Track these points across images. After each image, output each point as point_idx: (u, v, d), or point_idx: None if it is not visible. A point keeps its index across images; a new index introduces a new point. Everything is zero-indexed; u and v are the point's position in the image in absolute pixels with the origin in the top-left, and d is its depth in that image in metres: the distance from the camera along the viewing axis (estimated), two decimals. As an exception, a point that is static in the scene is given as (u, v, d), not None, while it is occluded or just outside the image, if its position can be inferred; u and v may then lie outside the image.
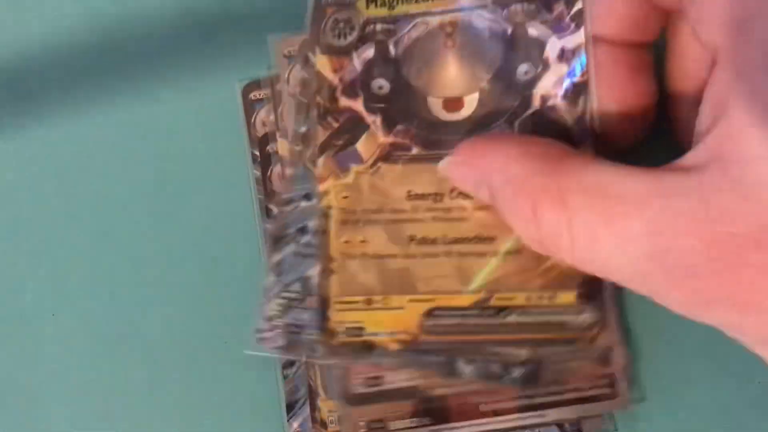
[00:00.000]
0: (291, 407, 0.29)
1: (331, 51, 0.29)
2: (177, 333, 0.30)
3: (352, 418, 0.28)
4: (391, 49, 0.29)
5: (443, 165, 0.27)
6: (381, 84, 0.29)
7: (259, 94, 0.30)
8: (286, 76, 0.30)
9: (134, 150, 0.31)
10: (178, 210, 0.31)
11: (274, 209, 0.30)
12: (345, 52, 0.29)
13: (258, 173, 0.30)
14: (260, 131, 0.30)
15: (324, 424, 0.28)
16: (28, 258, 0.31)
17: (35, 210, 0.31)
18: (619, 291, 0.28)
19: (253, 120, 0.30)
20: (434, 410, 0.29)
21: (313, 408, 0.29)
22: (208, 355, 0.30)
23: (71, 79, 0.31)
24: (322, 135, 0.29)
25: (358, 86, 0.29)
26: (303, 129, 0.29)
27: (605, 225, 0.20)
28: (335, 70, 0.29)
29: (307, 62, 0.29)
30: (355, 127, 0.29)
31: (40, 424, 0.30)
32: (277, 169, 0.30)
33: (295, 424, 0.29)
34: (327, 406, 0.29)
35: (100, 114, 0.31)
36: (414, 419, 0.29)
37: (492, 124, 0.28)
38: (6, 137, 0.31)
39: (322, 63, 0.29)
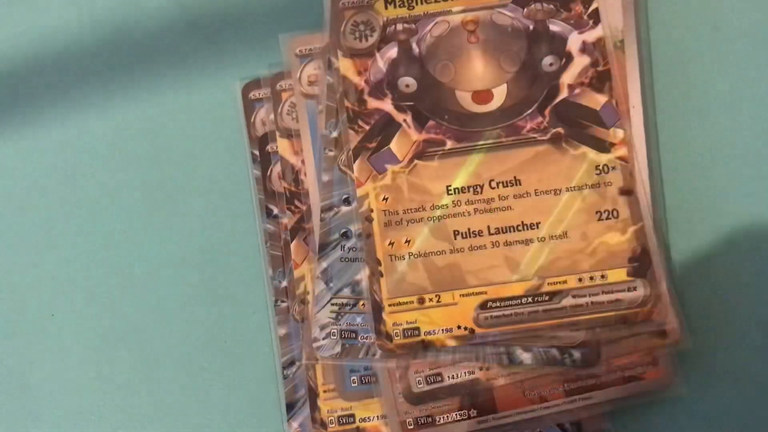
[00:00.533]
0: (291, 407, 0.28)
1: (354, 53, 0.29)
2: (177, 333, 0.30)
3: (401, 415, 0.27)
4: (415, 48, 0.29)
5: None
6: (408, 82, 0.29)
7: (259, 94, 0.30)
8: (298, 74, 0.30)
9: (134, 150, 0.31)
10: (178, 209, 0.30)
11: (274, 209, 0.29)
12: (368, 53, 0.29)
13: (258, 172, 0.30)
14: (260, 131, 0.31)
15: (324, 424, 0.28)
16: (28, 258, 0.30)
17: (35, 210, 0.31)
18: (670, 264, 0.28)
19: (252, 119, 0.30)
20: (480, 402, 0.28)
21: (313, 408, 0.28)
22: (208, 355, 0.30)
23: (71, 78, 0.31)
24: (354, 139, 0.29)
25: (384, 86, 0.29)
26: (335, 134, 0.29)
27: None
28: (359, 72, 0.29)
29: (330, 66, 0.29)
30: (386, 127, 0.29)
31: (40, 423, 0.30)
32: (276, 168, 0.30)
33: (295, 424, 0.28)
34: (327, 406, 0.28)
35: (99, 114, 0.31)
36: (461, 412, 0.28)
37: (523, 112, 0.29)
38: (6, 137, 0.31)
39: (346, 66, 0.29)
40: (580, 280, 0.28)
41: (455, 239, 0.28)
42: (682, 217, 0.29)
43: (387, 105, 0.29)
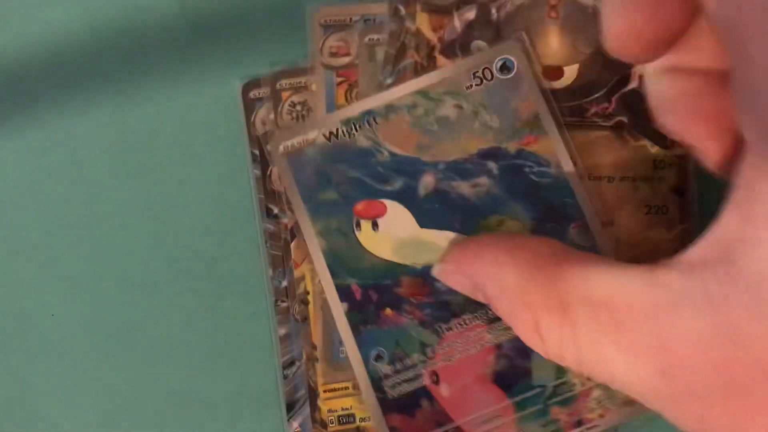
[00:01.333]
0: (291, 407, 0.28)
1: (432, 9, 0.29)
2: (177, 332, 0.30)
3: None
4: (494, 13, 0.29)
5: (436, 271, 0.25)
6: (480, 46, 0.29)
7: (259, 93, 0.29)
8: (320, 46, 0.29)
9: (134, 149, 0.30)
10: (178, 209, 0.30)
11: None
12: (446, 11, 0.29)
13: (258, 172, 0.29)
14: (260, 130, 0.29)
15: (324, 424, 0.28)
16: (28, 258, 0.30)
17: (35, 210, 0.30)
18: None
19: (252, 119, 0.29)
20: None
21: (313, 408, 0.28)
22: (207, 354, 0.30)
23: (70, 78, 0.30)
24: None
25: (457, 47, 0.29)
26: (389, 80, 0.29)
27: (612, 340, 0.18)
28: (435, 29, 0.29)
29: (396, 13, 0.29)
30: (451, 84, 0.28)
31: (41, 423, 0.30)
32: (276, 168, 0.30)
33: (295, 424, 0.28)
34: (327, 406, 0.28)
35: (99, 113, 0.30)
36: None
37: (590, 95, 0.28)
38: (6, 137, 0.30)
39: (422, 20, 0.29)
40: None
41: None
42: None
43: (455, 64, 0.29)
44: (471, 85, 0.27)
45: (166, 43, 0.31)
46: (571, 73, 0.28)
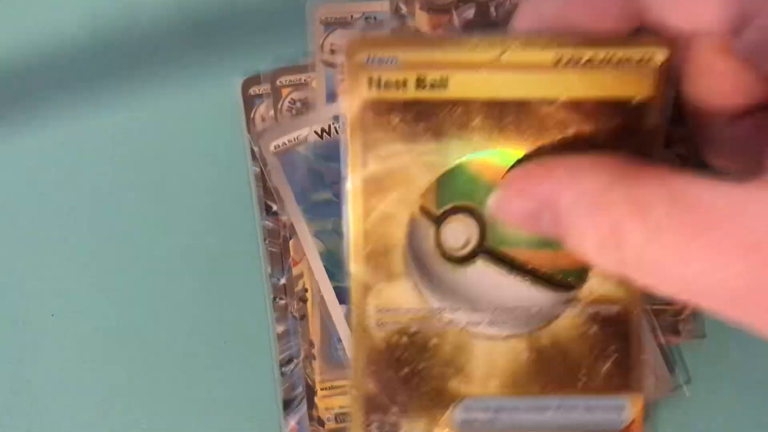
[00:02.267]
0: (288, 404, 0.28)
1: (432, 8, 0.29)
2: (176, 331, 0.30)
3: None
4: (492, 11, 0.29)
5: (495, 202, 0.22)
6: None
7: (259, 90, 0.29)
8: (321, 43, 0.29)
9: (133, 146, 0.30)
10: (178, 207, 0.30)
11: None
12: (445, 10, 0.29)
13: (257, 169, 0.29)
14: (260, 127, 0.29)
15: (321, 422, 0.28)
16: (28, 258, 0.30)
17: (35, 209, 0.30)
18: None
19: (252, 115, 0.29)
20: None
21: (311, 406, 0.28)
22: (206, 352, 0.30)
23: (69, 75, 0.31)
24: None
25: (456, 46, 0.29)
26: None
27: (697, 239, 0.18)
28: (434, 27, 0.29)
29: (397, 12, 0.29)
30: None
31: (41, 424, 0.30)
32: None
33: (292, 422, 0.28)
34: (324, 404, 0.28)
35: (98, 113, 0.30)
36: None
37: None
38: (6, 137, 0.30)
39: (422, 19, 0.29)
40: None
41: None
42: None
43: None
44: None
45: (166, 40, 0.31)
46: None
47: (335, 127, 0.28)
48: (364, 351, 0.25)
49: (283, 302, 0.28)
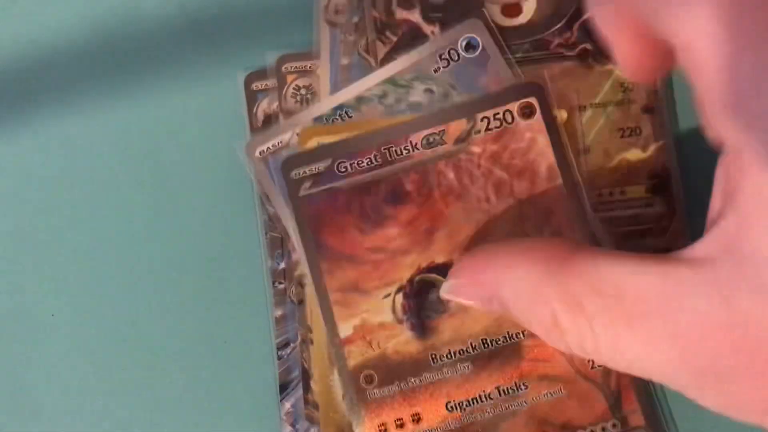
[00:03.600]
0: (284, 388, 0.28)
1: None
2: (177, 332, 0.30)
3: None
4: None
5: (446, 290, 0.25)
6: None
7: (261, 85, 0.29)
8: (326, 3, 0.29)
9: (134, 143, 0.30)
10: (178, 205, 0.30)
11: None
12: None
13: None
14: (261, 122, 0.29)
15: (316, 406, 0.28)
16: (28, 258, 0.30)
17: (35, 209, 0.30)
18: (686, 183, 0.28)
19: (255, 110, 0.29)
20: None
21: (306, 389, 0.28)
22: (206, 351, 0.30)
23: (69, 71, 0.31)
24: (381, 50, 0.28)
25: (414, -4, 0.28)
26: (355, 19, 0.28)
27: (627, 328, 0.20)
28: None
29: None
30: (414, 39, 0.28)
31: (41, 423, 0.30)
32: None
33: (288, 405, 0.28)
34: (319, 388, 0.28)
35: (97, 110, 0.30)
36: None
37: (551, 27, 0.28)
38: (6, 137, 0.30)
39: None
40: (599, 195, 0.29)
41: None
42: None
43: (415, 16, 0.28)
44: (438, 68, 0.28)
45: (167, 35, 0.31)
46: (529, 8, 0.28)
47: None
48: (335, 428, 0.27)
49: (281, 286, 0.28)
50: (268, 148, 0.28)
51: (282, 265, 0.28)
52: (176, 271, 0.30)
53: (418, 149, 0.27)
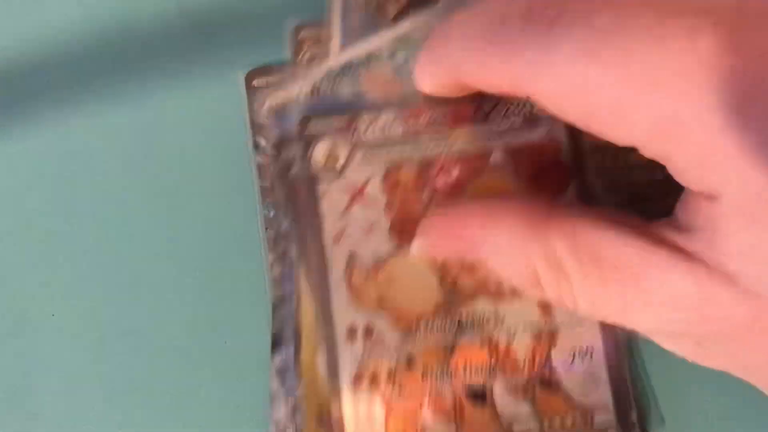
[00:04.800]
0: (277, 343, 0.29)
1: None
2: (178, 332, 0.30)
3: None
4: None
5: (416, 247, 0.25)
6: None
7: (262, 82, 0.29)
8: None
9: (133, 142, 0.30)
10: (179, 203, 0.30)
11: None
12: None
13: (260, 159, 0.29)
14: (263, 118, 0.29)
15: None
16: (28, 258, 0.30)
17: (35, 209, 0.30)
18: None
19: (255, 107, 0.29)
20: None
21: (298, 346, 0.28)
22: (207, 348, 0.30)
23: (67, 70, 0.31)
24: (393, 9, 0.28)
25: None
26: None
27: (603, 290, 0.20)
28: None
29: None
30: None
31: (41, 424, 0.30)
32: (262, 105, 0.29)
33: (278, 359, 0.28)
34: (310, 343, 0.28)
35: (97, 108, 0.30)
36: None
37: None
38: (6, 136, 0.30)
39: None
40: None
41: None
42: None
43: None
44: None
45: (166, 33, 0.30)
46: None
47: (325, 84, 0.28)
48: (316, 406, 0.27)
49: (281, 247, 0.29)
50: (277, 102, 0.28)
51: (272, 214, 0.29)
52: (176, 270, 0.30)
53: None
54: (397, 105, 0.27)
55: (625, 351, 0.27)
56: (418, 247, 0.25)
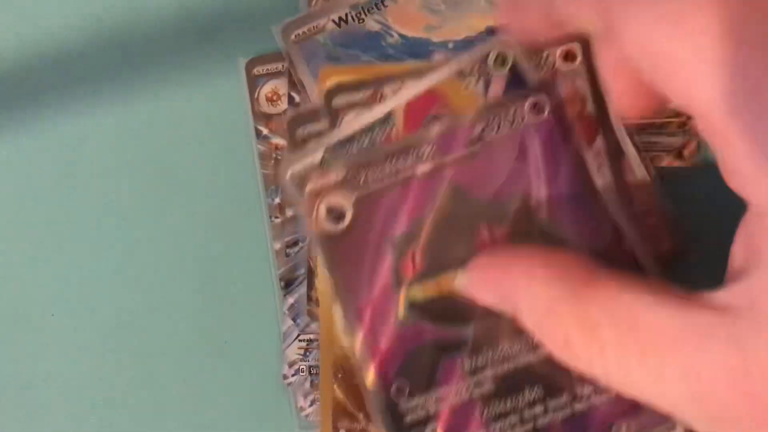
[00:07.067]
0: (289, 284, 0.29)
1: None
2: (177, 331, 0.30)
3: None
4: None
5: (461, 282, 0.24)
6: None
7: (263, 69, 0.29)
8: None
9: (134, 140, 0.30)
10: (179, 201, 0.30)
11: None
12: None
13: (262, 148, 0.29)
14: (264, 107, 0.29)
15: (317, 302, 0.29)
16: (28, 258, 0.30)
17: (36, 209, 0.30)
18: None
19: (256, 95, 0.29)
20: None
21: (310, 286, 0.29)
22: (209, 353, 0.29)
23: (69, 70, 0.30)
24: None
25: None
26: None
27: (640, 360, 0.19)
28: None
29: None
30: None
31: (40, 423, 0.30)
32: (264, 89, 0.30)
33: (291, 300, 0.29)
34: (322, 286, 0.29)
35: (98, 106, 0.30)
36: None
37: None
38: (6, 137, 0.30)
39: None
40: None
41: None
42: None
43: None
44: None
45: (166, 25, 0.30)
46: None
47: (352, 16, 0.28)
48: (331, 358, 0.26)
49: (278, 221, 0.30)
50: (304, 32, 0.28)
51: (277, 200, 0.29)
52: (178, 267, 0.30)
53: None
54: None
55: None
56: (460, 283, 0.24)
